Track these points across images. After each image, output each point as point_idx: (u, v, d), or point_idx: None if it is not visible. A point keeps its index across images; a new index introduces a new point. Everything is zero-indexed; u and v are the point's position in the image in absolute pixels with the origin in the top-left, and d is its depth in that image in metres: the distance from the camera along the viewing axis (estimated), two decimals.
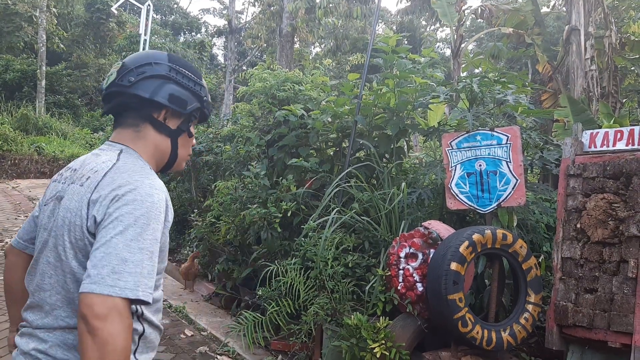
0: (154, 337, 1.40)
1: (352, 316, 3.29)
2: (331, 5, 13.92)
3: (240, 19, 26.10)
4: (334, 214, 4.10)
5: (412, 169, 5.17)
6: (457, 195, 3.71)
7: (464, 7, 10.23)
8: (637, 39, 9.07)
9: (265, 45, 18.27)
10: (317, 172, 4.87)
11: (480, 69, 10.10)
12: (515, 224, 3.69)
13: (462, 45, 10.42)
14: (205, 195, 7.40)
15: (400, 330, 3.27)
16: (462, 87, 4.13)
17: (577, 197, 3.22)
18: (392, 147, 4.89)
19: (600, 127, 4.40)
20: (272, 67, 7.06)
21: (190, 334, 4.40)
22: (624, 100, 10.88)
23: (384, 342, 3.11)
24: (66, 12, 22.42)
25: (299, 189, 4.79)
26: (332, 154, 5.51)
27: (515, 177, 3.51)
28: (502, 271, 3.46)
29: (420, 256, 3.35)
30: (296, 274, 3.81)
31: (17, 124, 16.23)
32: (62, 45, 20.95)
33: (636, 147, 3.12)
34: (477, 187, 3.65)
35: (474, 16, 12.18)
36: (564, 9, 10.66)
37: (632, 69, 10.29)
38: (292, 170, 5.02)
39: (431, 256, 3.26)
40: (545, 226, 4.25)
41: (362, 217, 4.14)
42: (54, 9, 20.28)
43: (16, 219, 8.90)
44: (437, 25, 19.68)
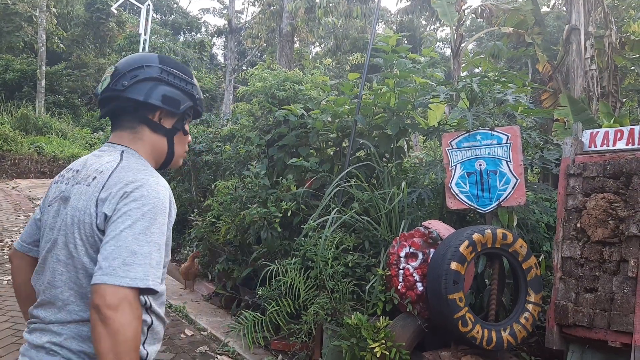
0: (160, 328, 1.46)
1: (352, 316, 3.29)
2: (331, 4, 13.92)
3: (240, 19, 26.09)
4: (334, 214, 4.10)
5: (412, 168, 5.17)
6: (457, 194, 3.71)
7: (464, 7, 10.22)
8: (637, 39, 9.07)
9: (265, 45, 18.28)
10: (317, 172, 4.87)
11: (480, 68, 10.09)
12: (515, 224, 3.69)
13: (462, 44, 10.42)
14: (205, 195, 7.41)
15: (400, 329, 3.27)
16: (462, 87, 4.13)
17: (577, 196, 3.22)
18: (392, 146, 4.89)
19: (600, 127, 4.40)
20: (272, 66, 7.06)
21: (190, 334, 4.40)
22: (624, 99, 10.88)
23: (384, 341, 3.11)
24: (66, 12, 22.42)
25: (299, 189, 4.79)
26: (332, 153, 5.51)
27: (515, 176, 3.51)
28: (502, 271, 3.45)
29: (420, 256, 3.35)
30: (296, 274, 3.81)
31: (17, 123, 16.22)
32: (61, 45, 20.95)
33: (636, 146, 3.12)
34: (477, 186, 3.65)
35: (474, 16, 12.18)
36: (564, 9, 10.66)
37: (632, 68, 10.29)
38: (292, 170, 5.02)
39: (431, 256, 3.26)
40: (545, 226, 4.25)
41: (362, 216, 4.14)
42: (53, 9, 20.28)
43: (16, 219, 8.90)
44: (437, 24, 19.69)
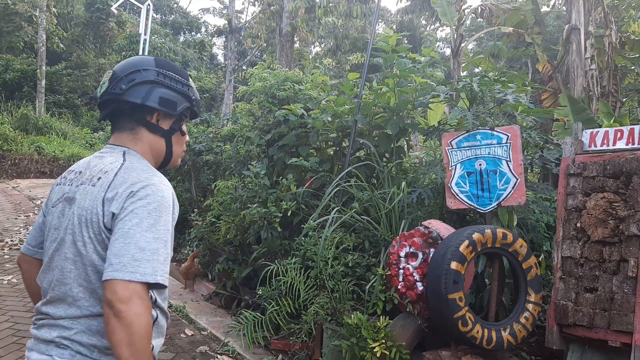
0: (164, 323, 1.51)
1: (352, 315, 3.29)
2: (331, 4, 13.92)
3: (240, 19, 26.08)
4: (334, 214, 4.10)
5: (412, 168, 5.17)
6: (457, 194, 3.71)
7: (464, 7, 10.22)
8: (637, 38, 9.06)
9: (265, 44, 18.27)
10: (317, 172, 4.86)
11: (480, 68, 10.09)
12: (515, 223, 3.69)
13: (462, 44, 10.42)
14: (205, 194, 7.40)
15: (400, 329, 3.27)
16: (462, 87, 4.12)
17: (577, 196, 3.22)
18: (392, 146, 4.89)
19: (600, 126, 4.40)
20: (272, 66, 7.06)
21: (190, 334, 4.40)
22: (624, 99, 10.88)
23: (384, 341, 3.11)
24: (66, 12, 22.43)
25: (299, 189, 4.79)
26: (332, 153, 5.51)
27: (515, 176, 3.51)
28: (502, 270, 3.45)
29: (420, 255, 3.35)
30: (296, 274, 3.81)
31: (17, 123, 16.23)
32: (62, 45, 20.96)
33: (636, 146, 3.12)
34: (477, 186, 3.65)
35: (474, 15, 12.17)
36: (564, 8, 10.66)
37: (632, 68, 10.28)
38: (292, 169, 5.02)
39: (431, 255, 3.26)
40: (545, 225, 4.25)
41: (362, 216, 4.14)
42: (53, 9, 20.29)
43: (16, 218, 8.90)
44: (437, 24, 19.69)
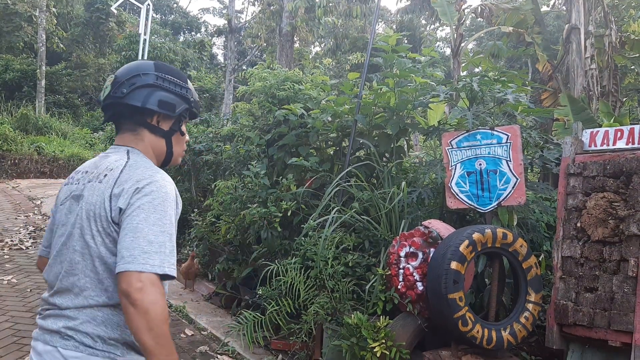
0: None
1: (353, 315, 3.29)
2: (331, 4, 13.93)
3: (240, 19, 26.08)
4: (334, 213, 4.10)
5: (412, 168, 5.16)
6: (457, 194, 3.71)
7: (463, 6, 10.23)
8: (637, 38, 9.07)
9: (265, 44, 18.26)
10: (317, 172, 4.86)
11: (480, 68, 10.09)
12: (515, 223, 3.68)
13: (462, 44, 10.42)
14: (205, 194, 7.40)
15: (400, 329, 3.27)
16: (462, 86, 4.12)
17: (577, 196, 3.22)
18: (392, 146, 4.89)
19: (600, 126, 4.40)
20: (272, 66, 7.04)
21: (190, 334, 4.40)
22: (624, 99, 10.88)
23: (384, 341, 3.11)
24: (66, 12, 22.43)
25: (299, 189, 4.79)
26: (332, 153, 5.51)
27: (515, 176, 3.51)
28: (502, 270, 3.45)
29: (420, 255, 3.35)
30: (296, 274, 3.81)
31: (17, 123, 16.23)
32: (61, 45, 20.97)
33: (636, 145, 3.12)
34: (477, 186, 3.65)
35: (473, 15, 12.17)
36: (564, 8, 10.66)
37: (632, 67, 10.30)
38: (292, 169, 5.02)
39: (431, 255, 3.26)
40: (545, 225, 4.24)
41: (362, 216, 4.14)
42: (53, 9, 20.29)
43: (16, 219, 8.90)
44: (437, 24, 19.65)
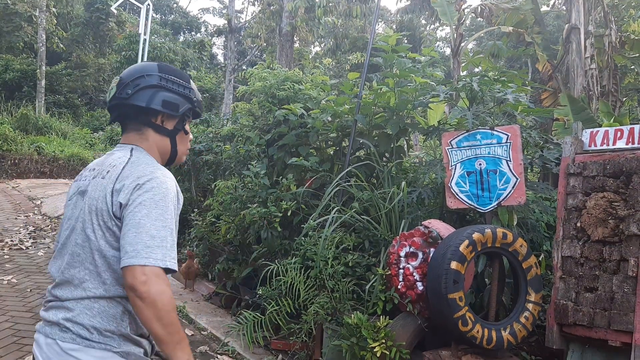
0: None
1: (353, 315, 3.29)
2: (331, 4, 13.93)
3: (240, 19, 26.06)
4: (334, 213, 4.10)
5: (412, 168, 5.16)
6: (457, 194, 3.71)
7: (463, 6, 10.24)
8: (637, 38, 9.07)
9: (265, 44, 18.27)
10: (317, 172, 4.86)
11: (480, 67, 10.08)
12: (515, 223, 3.68)
13: (462, 44, 10.42)
14: (205, 194, 7.40)
15: (400, 329, 3.27)
16: (462, 86, 4.12)
17: (577, 195, 3.22)
18: (392, 146, 4.89)
19: (600, 126, 4.40)
20: (271, 66, 7.04)
21: (190, 334, 4.40)
22: (624, 98, 10.88)
23: (384, 341, 3.11)
24: (66, 12, 22.43)
25: (299, 188, 4.79)
26: (332, 153, 5.51)
27: (515, 176, 3.51)
28: (502, 270, 3.45)
29: (420, 255, 3.35)
30: (296, 274, 3.81)
31: (17, 123, 16.22)
32: (61, 45, 20.97)
33: (636, 145, 3.12)
34: (477, 186, 3.65)
35: (473, 15, 12.17)
36: (564, 8, 10.66)
37: (632, 67, 10.29)
38: (292, 169, 5.01)
39: (431, 255, 3.26)
40: (545, 225, 4.24)
41: (362, 216, 4.14)
42: (53, 9, 20.28)
43: (16, 219, 8.90)
44: (437, 24, 19.65)
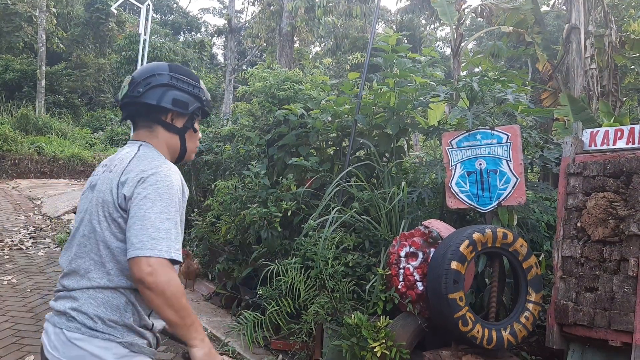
0: None
1: (353, 315, 3.29)
2: (331, 4, 13.93)
3: (240, 19, 26.07)
4: (334, 213, 4.09)
5: (412, 168, 5.16)
6: (458, 194, 3.71)
7: (463, 6, 10.24)
8: (637, 38, 9.06)
9: (265, 44, 18.27)
10: (317, 172, 4.86)
11: (480, 67, 10.09)
12: (515, 223, 3.68)
13: (462, 44, 10.43)
14: (205, 194, 7.40)
15: (400, 329, 3.26)
16: (462, 86, 4.12)
17: (577, 195, 3.22)
18: (392, 146, 4.89)
19: (600, 126, 4.40)
20: (272, 66, 7.04)
21: None
22: (624, 98, 10.88)
23: (384, 341, 3.11)
24: (66, 12, 22.43)
25: (299, 188, 4.79)
26: (332, 153, 5.51)
27: (515, 175, 3.51)
28: (503, 270, 3.45)
29: (420, 255, 3.35)
30: (296, 274, 3.81)
31: (17, 124, 16.23)
32: (61, 45, 20.97)
33: (636, 145, 3.11)
34: (477, 186, 3.65)
35: (473, 15, 12.17)
36: (564, 8, 10.66)
37: (632, 67, 10.29)
38: (292, 169, 5.01)
39: (431, 255, 3.26)
40: (545, 225, 4.24)
41: (362, 216, 4.14)
42: (53, 9, 20.29)
43: (16, 219, 8.90)
44: (437, 24, 19.66)
